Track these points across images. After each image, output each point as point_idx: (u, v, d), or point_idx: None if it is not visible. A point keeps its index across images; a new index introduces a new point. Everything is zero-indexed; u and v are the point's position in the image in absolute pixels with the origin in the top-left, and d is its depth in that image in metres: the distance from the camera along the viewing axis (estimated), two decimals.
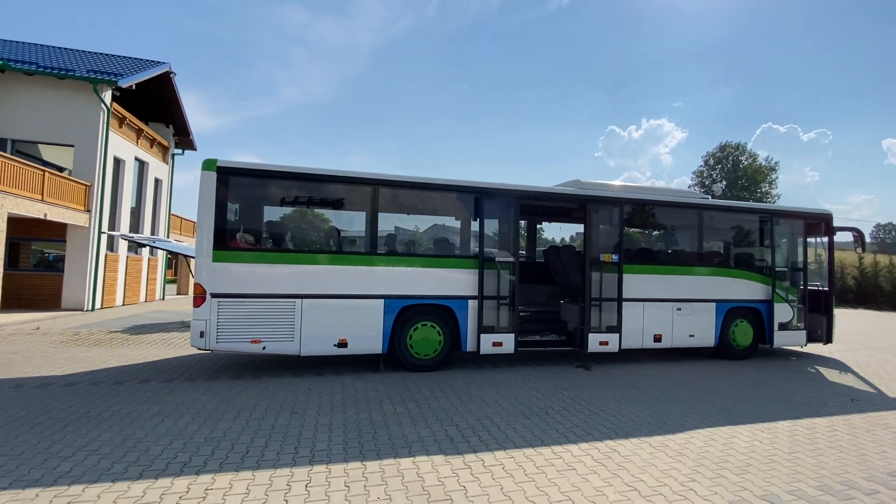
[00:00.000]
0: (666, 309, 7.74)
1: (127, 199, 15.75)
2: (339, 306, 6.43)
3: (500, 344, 6.92)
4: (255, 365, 6.99)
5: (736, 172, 56.27)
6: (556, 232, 15.75)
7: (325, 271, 6.44)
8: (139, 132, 16.43)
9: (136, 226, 16.68)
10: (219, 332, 6.02)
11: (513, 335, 6.97)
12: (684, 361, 7.98)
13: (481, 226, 6.96)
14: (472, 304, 6.88)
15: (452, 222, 7.31)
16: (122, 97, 14.82)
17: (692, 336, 7.89)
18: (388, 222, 6.99)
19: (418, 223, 7.55)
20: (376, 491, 3.24)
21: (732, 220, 8.46)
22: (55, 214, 11.94)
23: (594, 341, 7.29)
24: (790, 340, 8.45)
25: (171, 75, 16.95)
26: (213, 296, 6.02)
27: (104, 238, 13.91)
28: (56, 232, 13.35)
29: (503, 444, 4.14)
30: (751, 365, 7.86)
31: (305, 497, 3.13)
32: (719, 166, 58.08)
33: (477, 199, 6.98)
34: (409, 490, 3.26)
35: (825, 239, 8.86)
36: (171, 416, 4.67)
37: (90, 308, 13.44)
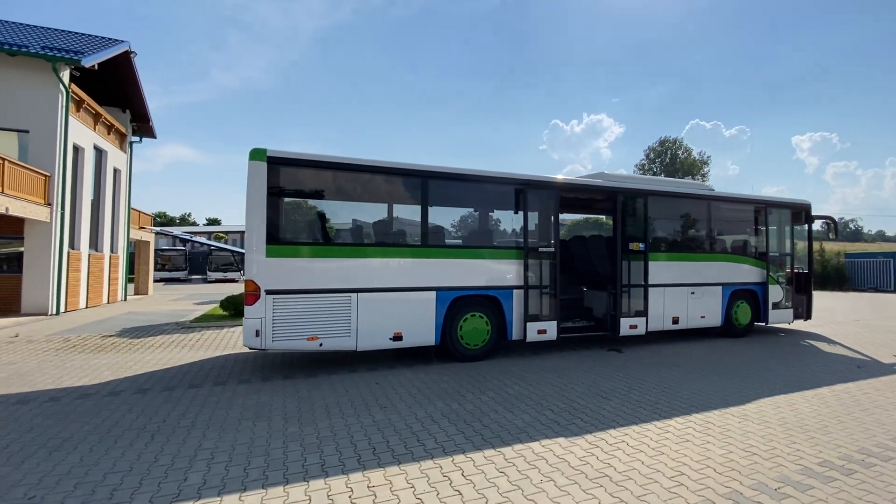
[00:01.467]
0: (682, 293, 8.34)
1: (87, 192, 14.30)
2: (394, 299, 6.36)
3: (544, 332, 7.16)
4: (293, 363, 6.75)
5: (674, 165, 60.42)
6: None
7: (380, 264, 6.34)
8: (97, 117, 14.91)
9: (95, 221, 15.19)
10: (274, 330, 5.76)
11: (555, 322, 7.23)
12: (695, 341, 8.65)
13: (526, 217, 7.12)
14: (518, 293, 7.04)
15: (496, 213, 7.39)
16: (75, 78, 13.34)
17: (703, 317, 8.57)
18: (438, 214, 6.96)
19: (466, 215, 7.57)
20: (534, 474, 3.34)
21: (734, 210, 9.24)
22: (17, 209, 10.63)
23: (625, 325, 7.73)
24: (781, 318, 9.41)
25: (132, 55, 15.51)
26: (268, 293, 5.75)
27: (66, 234, 12.58)
28: (11, 228, 11.89)
29: (610, 422, 4.37)
30: (754, 342, 8.68)
31: (484, 482, 3.17)
32: (659, 160, 62.18)
33: (523, 191, 7.13)
34: (568, 470, 3.38)
35: (805, 226, 9.91)
36: (259, 419, 4.46)
37: (55, 312, 12.14)
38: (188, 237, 26.98)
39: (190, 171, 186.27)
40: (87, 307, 14.18)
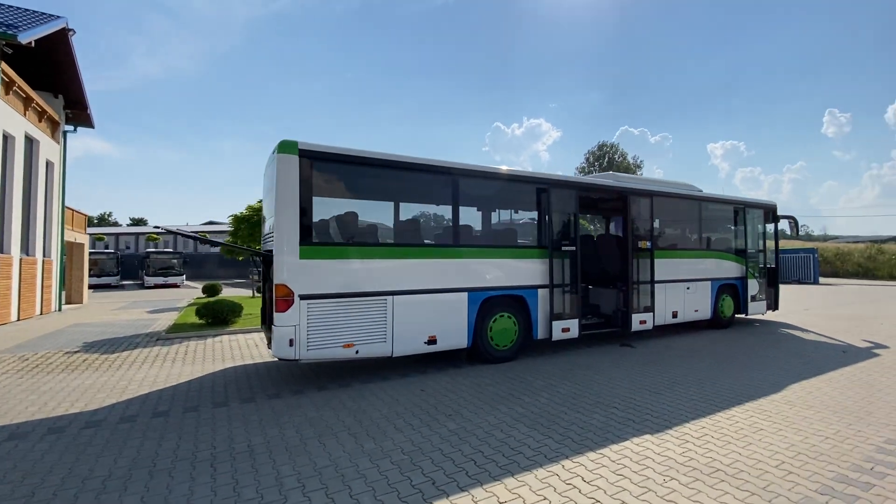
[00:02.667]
0: (680, 288, 8.80)
1: (17, 188, 12.42)
2: (428, 302, 6.10)
3: (567, 330, 7.22)
4: (309, 374, 6.27)
5: (611, 168, 64.29)
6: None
7: (415, 265, 6.05)
8: (27, 101, 13.00)
9: (26, 222, 13.25)
10: (310, 338, 5.30)
11: (577, 320, 7.32)
12: (691, 334, 9.14)
13: (550, 216, 7.14)
14: (543, 292, 7.05)
15: (522, 213, 7.33)
16: (3, 56, 11.53)
17: (696, 311, 9.10)
18: (468, 213, 6.77)
19: (494, 214, 7.41)
20: (651, 473, 3.31)
21: (720, 209, 9.89)
22: None
23: (636, 321, 8.00)
24: (757, 309, 10.23)
25: (69, 33, 13.72)
26: (302, 298, 5.27)
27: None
28: None
29: (679, 416, 4.46)
30: (741, 332, 9.34)
31: (611, 487, 3.08)
32: (598, 163, 65.82)
33: (547, 190, 7.13)
34: (679, 467, 3.39)
35: (772, 225, 10.85)
36: (324, 437, 4.07)
37: None
38: (198, 237, 24.38)
39: (105, 166, 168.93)
40: (19, 319, 12.33)
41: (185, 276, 31.03)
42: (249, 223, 11.33)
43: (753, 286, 10.11)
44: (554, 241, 7.14)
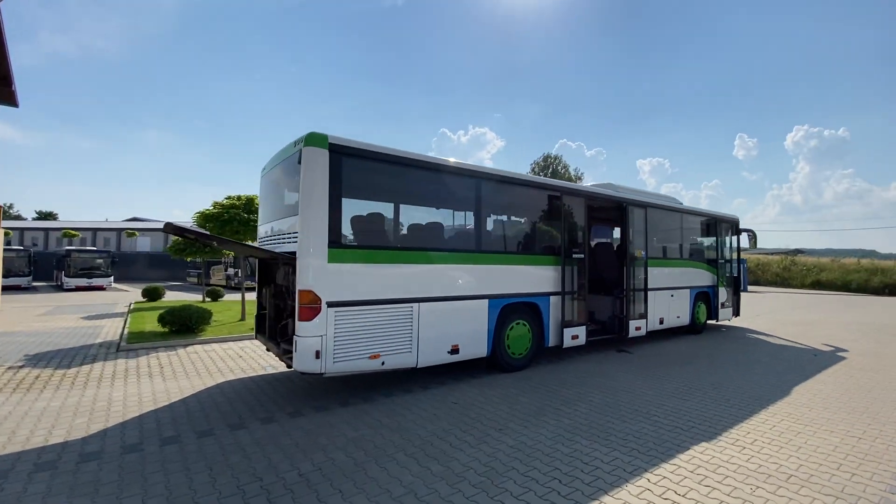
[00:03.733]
0: (666, 296, 9.21)
1: None
2: (452, 309, 5.85)
3: (576, 337, 7.26)
4: (319, 389, 5.79)
5: (556, 178, 67.16)
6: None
7: (440, 271, 5.78)
8: None
9: None
10: (336, 349, 4.86)
11: (584, 327, 7.39)
12: (668, 340, 9.58)
13: (563, 223, 7.16)
14: (555, 299, 7.04)
15: (536, 219, 7.24)
16: None
17: (678, 317, 9.57)
18: (492, 219, 6.60)
19: (512, 220, 7.25)
20: (733, 482, 3.33)
21: (696, 221, 10.50)
22: None
23: (632, 327, 8.24)
24: (725, 315, 10.98)
25: None
26: (330, 305, 4.83)
27: None
28: None
29: (720, 422, 4.58)
30: (714, 338, 9.94)
31: (706, 499, 3.05)
32: (542, 173, 68.48)
33: (561, 198, 7.15)
34: (757, 475, 3.44)
35: (735, 237, 11.72)
36: (381, 459, 3.71)
37: None
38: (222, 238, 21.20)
39: (6, 151, 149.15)
40: None
41: (112, 278, 27.95)
42: (219, 221, 10.35)
43: (722, 294, 10.86)
44: (566, 248, 7.17)
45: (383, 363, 5.23)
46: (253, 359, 7.39)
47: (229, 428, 4.39)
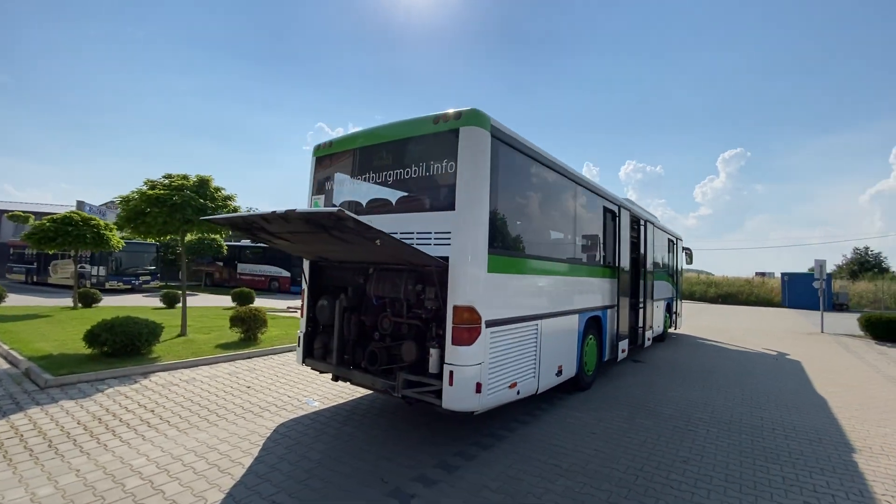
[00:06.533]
0: (657, 307, 9.87)
1: None
2: (560, 326, 5.28)
3: (624, 350, 7.25)
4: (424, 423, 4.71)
5: None
6: None
7: (557, 284, 5.17)
8: None
9: None
10: (490, 379, 3.93)
11: (627, 340, 7.42)
12: (656, 349, 10.30)
13: (619, 236, 7.09)
14: (611, 312, 6.92)
15: (603, 231, 6.94)
16: None
17: (659, 326, 10.35)
18: (583, 231, 6.10)
19: (591, 232, 6.78)
20: None
21: (665, 238, 11.50)
22: None
23: (646, 337, 8.59)
24: (677, 325, 12.25)
25: None
26: (487, 325, 3.89)
27: None
28: None
29: (828, 432, 4.91)
30: (680, 345, 10.98)
31: None
32: None
33: (618, 212, 7.07)
34: None
35: (682, 253, 13.23)
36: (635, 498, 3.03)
37: None
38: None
39: None
40: None
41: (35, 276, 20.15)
42: (169, 206, 7.80)
43: (678, 305, 12.12)
44: (619, 260, 7.12)
45: (518, 392, 4.43)
46: (268, 388, 5.71)
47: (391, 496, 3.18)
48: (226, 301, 16.36)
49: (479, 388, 3.78)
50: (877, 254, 42.55)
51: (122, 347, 6.58)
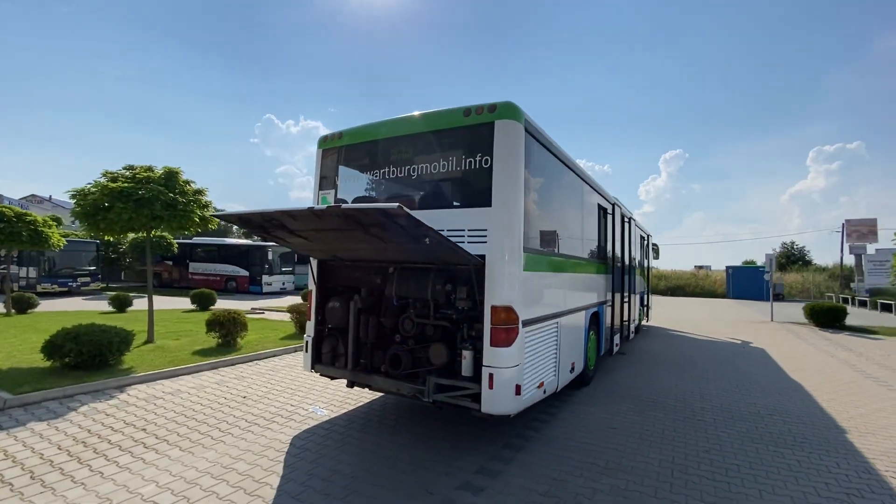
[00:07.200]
0: (634, 300, 10.23)
1: None
2: (573, 323, 5.30)
3: (618, 344, 7.43)
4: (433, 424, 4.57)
5: None
6: None
7: (573, 282, 5.17)
8: None
9: None
10: (524, 380, 3.85)
11: (619, 334, 7.61)
12: (632, 341, 10.66)
13: (615, 232, 7.23)
14: (607, 307, 7.06)
15: (601, 227, 7.01)
16: None
17: (635, 320, 10.74)
18: (587, 227, 6.12)
19: (593, 227, 6.79)
20: None
21: (639, 234, 11.92)
22: None
23: (632, 329, 8.88)
24: (649, 317, 12.78)
25: None
26: (523, 325, 3.80)
27: None
28: None
29: (809, 417, 5.25)
30: (654, 337, 11.46)
31: None
32: None
33: (613, 209, 7.21)
34: None
35: (651, 249, 13.81)
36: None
37: None
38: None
39: None
40: None
41: None
42: (135, 201, 7.01)
43: (648, 297, 12.65)
44: (614, 255, 7.28)
45: (545, 391, 4.40)
46: (267, 398, 5.32)
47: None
48: (182, 303, 15.26)
49: (518, 389, 3.69)
50: (801, 248, 46.85)
51: (90, 358, 5.89)
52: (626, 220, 8.94)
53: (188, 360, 6.66)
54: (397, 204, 2.62)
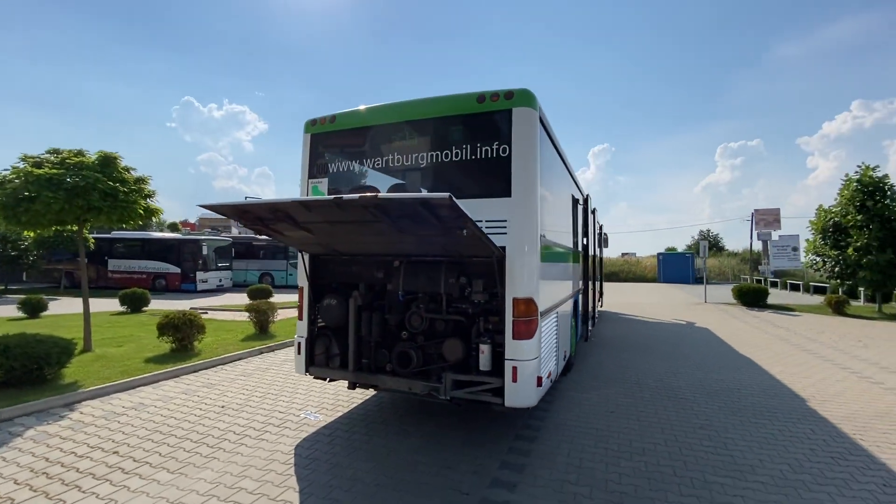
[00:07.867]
0: (598, 286, 10.68)
1: None
2: (566, 311, 5.38)
3: (590, 330, 7.69)
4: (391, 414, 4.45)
5: None
6: None
7: (568, 271, 5.24)
8: None
9: None
10: (541, 369, 3.83)
11: (591, 320, 7.89)
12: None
13: (586, 221, 7.43)
14: (581, 295, 7.27)
15: (574, 215, 7.10)
16: None
17: (599, 305, 11.23)
18: (571, 216, 6.17)
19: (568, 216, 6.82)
20: None
21: (599, 225, 12.40)
22: None
23: (595, 316, 9.25)
24: (602, 303, 13.43)
25: None
26: (541, 315, 3.77)
27: None
28: None
29: (830, 396, 5.79)
30: (609, 321, 12.06)
31: None
32: None
33: (586, 199, 7.38)
34: None
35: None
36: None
37: None
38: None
39: None
40: None
41: None
42: (66, 189, 5.95)
43: (601, 284, 13.30)
44: (587, 245, 7.50)
45: (551, 381, 4.42)
46: (248, 405, 4.87)
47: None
48: (105, 305, 13.64)
49: (539, 381, 3.66)
50: (715, 235, 51.93)
51: (24, 374, 5.04)
52: (591, 210, 9.27)
53: (143, 370, 5.93)
54: (448, 194, 2.44)
